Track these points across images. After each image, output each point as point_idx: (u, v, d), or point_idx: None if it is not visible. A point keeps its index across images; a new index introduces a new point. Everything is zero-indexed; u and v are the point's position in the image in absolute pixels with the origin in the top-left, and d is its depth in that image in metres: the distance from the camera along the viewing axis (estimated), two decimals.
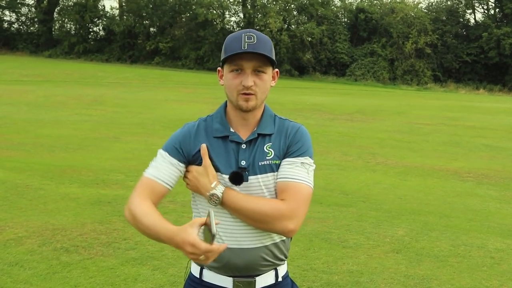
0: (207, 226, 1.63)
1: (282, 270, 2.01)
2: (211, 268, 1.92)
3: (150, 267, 4.38)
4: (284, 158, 1.91)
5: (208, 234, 1.60)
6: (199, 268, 1.96)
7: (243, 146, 1.89)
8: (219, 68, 1.96)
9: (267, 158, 1.89)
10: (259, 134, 1.91)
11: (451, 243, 5.42)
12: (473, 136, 14.35)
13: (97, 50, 46.64)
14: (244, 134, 1.91)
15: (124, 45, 46.20)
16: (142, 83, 27.27)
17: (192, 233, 1.63)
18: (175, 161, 1.92)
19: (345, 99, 24.52)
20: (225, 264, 1.89)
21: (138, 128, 12.59)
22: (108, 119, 13.93)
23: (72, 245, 4.77)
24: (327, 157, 10.12)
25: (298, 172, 1.89)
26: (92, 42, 47.95)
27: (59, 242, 4.82)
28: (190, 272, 2.02)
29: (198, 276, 1.97)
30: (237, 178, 1.86)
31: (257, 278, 1.93)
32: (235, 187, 1.87)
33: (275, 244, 1.93)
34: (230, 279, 1.91)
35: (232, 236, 1.88)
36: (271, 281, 1.96)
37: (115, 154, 9.39)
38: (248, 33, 1.86)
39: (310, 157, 1.95)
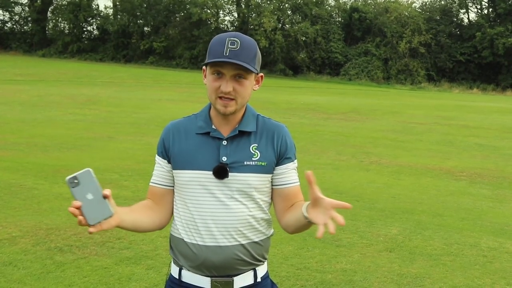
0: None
1: (262, 270, 2.01)
2: (189, 268, 1.94)
3: (144, 266, 4.39)
4: (278, 164, 1.96)
5: None
6: (178, 268, 1.97)
7: (224, 142, 1.91)
8: (203, 67, 1.95)
9: (253, 159, 1.91)
10: (240, 131, 1.92)
11: (444, 242, 5.45)
12: (466, 136, 14.41)
13: (91, 49, 46.60)
14: (225, 132, 1.93)
15: (118, 44, 46.17)
16: (137, 83, 27.24)
17: None
18: (163, 161, 1.99)
19: (339, 99, 24.57)
20: (202, 262, 1.90)
21: (132, 128, 12.58)
22: (102, 119, 13.90)
23: (66, 244, 4.77)
24: (321, 157, 10.14)
25: (295, 175, 2.00)
26: (86, 42, 47.92)
27: (53, 242, 4.82)
28: (170, 273, 2.03)
29: (177, 277, 1.98)
30: (221, 172, 1.88)
31: (235, 278, 1.93)
32: (216, 181, 1.90)
33: (253, 243, 1.94)
34: (208, 279, 1.92)
35: (209, 233, 1.90)
36: (250, 281, 1.96)
37: (109, 153, 9.38)
38: (232, 38, 1.84)
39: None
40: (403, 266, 4.70)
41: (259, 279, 1.98)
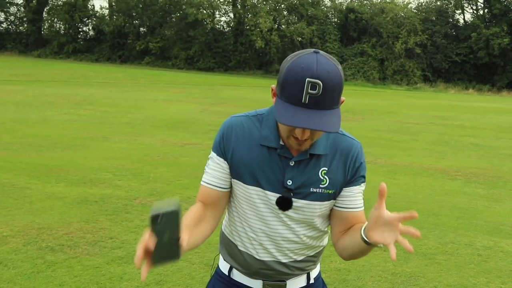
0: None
1: (315, 272, 1.95)
2: (240, 270, 1.88)
3: None
4: (346, 186, 1.77)
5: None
6: (228, 266, 1.91)
7: (291, 163, 1.70)
8: (273, 86, 1.68)
9: (321, 186, 1.73)
10: (311, 155, 1.72)
11: (439, 241, 5.42)
12: (462, 135, 14.40)
13: (86, 50, 46.55)
14: (294, 150, 1.71)
15: (114, 45, 46.11)
16: (132, 83, 27.16)
17: None
18: (222, 161, 1.78)
19: None
20: (255, 272, 1.84)
21: (127, 128, 12.52)
22: (97, 119, 13.84)
23: (57, 244, 4.73)
24: None
25: (360, 198, 1.81)
26: (81, 42, 47.86)
27: (44, 241, 4.77)
28: (218, 267, 1.96)
29: (227, 274, 1.91)
30: (285, 204, 1.72)
31: (288, 281, 1.87)
32: (278, 211, 1.74)
33: (309, 257, 1.88)
34: (260, 281, 1.85)
35: (265, 250, 1.81)
36: (303, 283, 1.90)
37: (103, 153, 9.33)
38: (313, 80, 1.50)
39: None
40: (398, 265, 4.67)
41: (312, 281, 1.93)
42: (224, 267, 1.93)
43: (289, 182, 1.70)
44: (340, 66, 1.59)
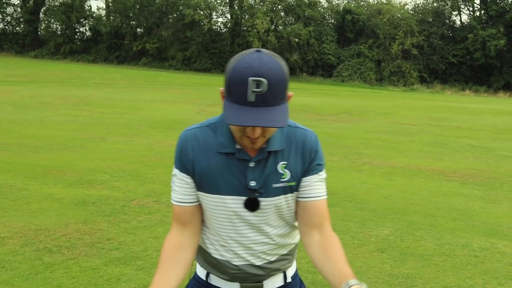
0: None
1: (291, 270, 1.96)
2: (217, 275, 1.88)
3: (134, 267, 4.35)
4: (304, 176, 1.78)
5: None
6: (205, 272, 1.91)
7: (251, 164, 1.72)
8: (221, 89, 1.67)
9: (281, 180, 1.74)
10: (268, 152, 1.73)
11: (436, 242, 5.44)
12: (458, 137, 14.43)
13: (83, 50, 46.48)
14: (251, 151, 1.72)
15: (110, 45, 46.06)
16: (129, 84, 27.14)
17: None
18: (186, 176, 1.77)
19: (332, 100, 24.58)
20: (232, 276, 1.85)
21: (124, 129, 12.52)
22: (94, 120, 13.84)
23: (55, 245, 4.73)
24: None
25: (321, 187, 1.81)
26: (78, 43, 47.79)
27: (42, 243, 4.77)
28: (196, 273, 1.97)
29: (204, 279, 1.92)
30: (253, 205, 1.72)
31: (265, 282, 1.88)
32: (247, 213, 1.75)
33: (282, 255, 1.89)
34: (237, 284, 1.86)
35: (237, 255, 1.83)
36: (280, 283, 1.91)
37: (100, 154, 9.32)
38: (256, 78, 1.52)
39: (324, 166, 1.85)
40: (395, 267, 4.69)
41: (289, 279, 1.94)
42: (201, 272, 1.94)
43: (252, 183, 1.71)
44: (284, 63, 1.61)
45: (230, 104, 1.58)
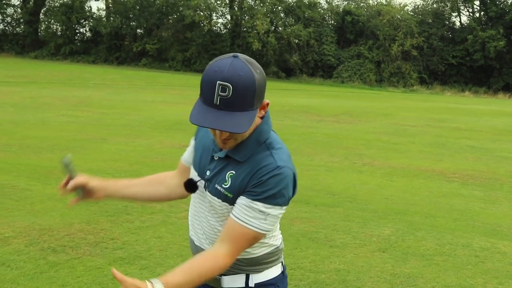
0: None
1: (258, 277, 1.92)
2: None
3: (138, 266, 4.39)
4: (241, 194, 1.78)
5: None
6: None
7: (215, 157, 1.86)
8: None
9: (223, 185, 1.80)
10: (227, 156, 1.81)
11: (437, 242, 5.48)
12: (458, 138, 14.48)
13: (83, 51, 46.51)
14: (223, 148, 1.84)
15: (111, 46, 46.09)
16: (129, 85, 27.17)
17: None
18: (192, 140, 2.05)
19: (331, 101, 24.63)
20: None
21: (125, 130, 12.55)
22: (95, 120, 13.86)
23: (59, 245, 4.76)
24: (313, 158, 10.16)
25: (246, 213, 1.75)
26: (78, 44, 47.82)
27: (46, 242, 4.80)
28: None
29: None
30: (191, 186, 1.92)
31: (224, 277, 1.89)
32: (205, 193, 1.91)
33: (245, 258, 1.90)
34: None
35: (196, 234, 1.96)
36: (241, 284, 1.90)
37: (102, 155, 9.36)
38: (223, 83, 1.60)
39: (277, 205, 1.76)
40: (396, 266, 4.72)
41: (252, 285, 1.91)
42: None
43: (208, 172, 1.87)
44: (259, 71, 1.68)
45: (199, 103, 1.69)
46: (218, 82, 1.61)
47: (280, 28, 45.47)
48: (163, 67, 43.59)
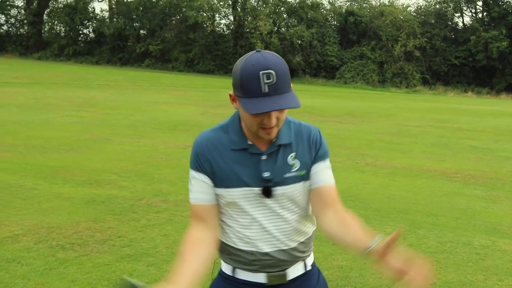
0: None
1: (310, 259, 2.10)
2: (243, 268, 1.99)
3: (145, 263, 4.49)
4: (314, 163, 1.96)
5: None
6: (231, 267, 2.02)
7: (263, 157, 1.89)
8: (230, 93, 1.86)
9: (292, 170, 1.91)
10: (279, 145, 1.91)
11: (438, 240, 5.56)
12: (461, 138, 14.54)
13: (87, 52, 46.63)
14: (262, 145, 1.90)
15: (114, 47, 46.20)
16: (133, 86, 27.29)
17: None
18: (203, 176, 1.92)
19: (334, 102, 24.71)
20: (258, 267, 1.97)
21: (129, 130, 12.66)
22: (99, 121, 13.98)
23: (67, 242, 4.86)
24: None
25: (328, 174, 2.00)
26: (82, 45, 47.94)
27: (54, 240, 4.91)
28: (221, 270, 2.07)
29: (231, 274, 2.02)
30: (266, 193, 1.89)
31: (288, 270, 2.01)
32: (265, 200, 1.91)
33: (301, 243, 2.02)
34: (263, 274, 1.98)
35: (264, 241, 1.95)
36: (301, 271, 2.04)
37: (107, 155, 9.46)
38: (266, 71, 1.72)
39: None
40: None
41: (309, 267, 2.08)
42: (227, 268, 2.04)
43: (266, 174, 1.88)
44: (282, 58, 1.82)
45: (247, 99, 1.75)
46: (261, 72, 1.72)
47: (283, 29, 45.54)
48: (166, 68, 43.69)
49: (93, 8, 50.59)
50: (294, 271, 2.03)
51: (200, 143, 1.93)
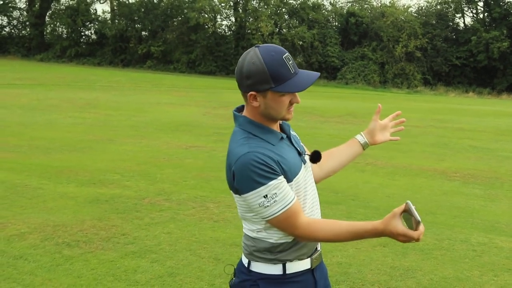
0: (406, 214, 1.89)
1: None
2: (297, 258, 2.05)
3: (149, 259, 4.60)
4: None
5: (410, 221, 1.88)
6: (280, 265, 2.02)
7: (286, 139, 2.11)
8: (252, 93, 1.94)
9: (300, 141, 2.24)
10: (280, 125, 2.16)
11: (436, 238, 5.66)
12: (461, 138, 14.62)
13: (89, 53, 46.74)
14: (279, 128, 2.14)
15: (116, 48, 46.31)
16: (135, 87, 27.41)
17: (398, 225, 1.87)
18: (282, 178, 1.94)
19: (335, 102, 24.80)
20: (309, 250, 2.10)
21: (131, 131, 12.76)
22: (102, 122, 14.09)
23: (73, 240, 4.98)
24: None
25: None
26: (84, 46, 48.04)
27: (60, 237, 5.02)
28: (265, 277, 2.05)
29: (280, 273, 2.03)
30: (316, 156, 2.19)
31: (320, 249, 2.17)
32: (306, 171, 2.13)
33: None
34: (308, 260, 2.08)
35: (316, 208, 2.18)
36: (319, 248, 2.18)
37: (110, 155, 9.57)
38: (285, 55, 1.95)
39: None
40: (396, 260, 4.91)
41: (319, 248, 2.21)
42: (275, 270, 2.03)
43: (299, 148, 2.16)
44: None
45: (282, 85, 1.93)
46: (283, 57, 1.93)
47: (284, 30, 45.64)
48: (168, 69, 43.78)
49: (95, 9, 50.71)
50: (319, 247, 2.18)
51: (259, 155, 1.91)
